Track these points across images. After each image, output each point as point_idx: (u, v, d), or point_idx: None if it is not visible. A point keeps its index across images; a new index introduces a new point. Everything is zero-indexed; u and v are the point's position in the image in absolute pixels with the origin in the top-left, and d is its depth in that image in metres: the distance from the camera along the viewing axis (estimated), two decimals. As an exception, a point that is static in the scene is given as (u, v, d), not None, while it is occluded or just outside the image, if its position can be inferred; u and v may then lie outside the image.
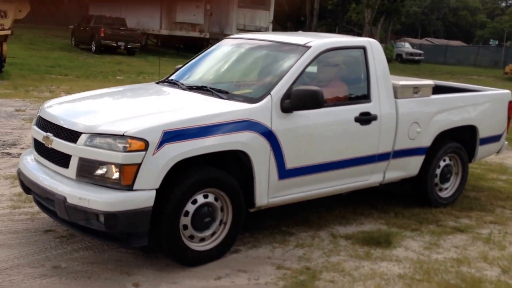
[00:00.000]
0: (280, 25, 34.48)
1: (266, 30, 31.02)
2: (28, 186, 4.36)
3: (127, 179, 3.72)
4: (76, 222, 3.85)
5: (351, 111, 4.90)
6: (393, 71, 5.87)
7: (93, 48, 25.76)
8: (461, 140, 6.03)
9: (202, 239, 4.15)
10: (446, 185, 5.97)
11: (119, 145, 3.74)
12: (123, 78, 17.39)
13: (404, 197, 6.03)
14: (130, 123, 3.91)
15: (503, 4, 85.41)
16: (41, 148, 4.33)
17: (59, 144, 4.03)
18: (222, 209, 4.22)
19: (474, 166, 7.61)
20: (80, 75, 17.39)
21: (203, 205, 4.08)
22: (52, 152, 4.14)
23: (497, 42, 50.91)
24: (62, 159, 4.01)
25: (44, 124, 4.35)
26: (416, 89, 5.53)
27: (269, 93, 4.42)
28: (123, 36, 25.90)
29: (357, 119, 4.90)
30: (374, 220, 5.33)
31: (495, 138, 6.36)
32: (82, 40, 27.12)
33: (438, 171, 5.81)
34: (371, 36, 34.61)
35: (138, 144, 3.73)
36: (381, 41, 43.96)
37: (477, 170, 7.57)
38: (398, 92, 5.31)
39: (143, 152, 3.73)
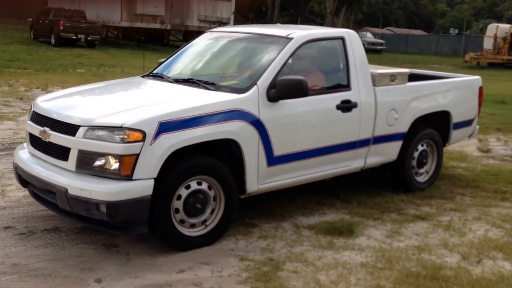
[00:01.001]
0: (242, 16, 34.37)
1: (227, 21, 30.88)
2: (26, 180, 4.44)
3: (127, 169, 3.86)
4: (77, 212, 3.97)
5: (333, 99, 5.11)
6: None
7: (53, 41, 25.23)
8: (435, 126, 6.26)
9: (193, 225, 4.26)
10: (423, 170, 6.20)
11: (118, 136, 3.87)
12: (83, 71, 17.05)
13: (366, 186, 6.09)
14: (126, 115, 4.04)
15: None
16: (37, 143, 4.42)
17: (57, 138, 4.14)
18: (214, 198, 4.35)
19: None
20: (39, 68, 16.98)
21: (196, 191, 4.22)
22: (49, 145, 4.23)
23: (457, 31, 51.92)
24: (60, 152, 4.11)
25: (40, 119, 4.43)
26: (392, 77, 5.77)
27: (256, 84, 4.59)
28: (83, 28, 25.46)
29: (338, 107, 5.11)
30: (337, 210, 5.36)
31: (468, 123, 6.64)
32: (41, 33, 26.51)
33: (415, 156, 6.03)
34: (333, 25, 34.81)
35: (136, 135, 3.87)
36: (343, 31, 44.39)
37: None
38: (376, 80, 5.53)
39: (141, 143, 3.87)
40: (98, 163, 3.91)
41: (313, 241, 4.53)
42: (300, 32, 5.17)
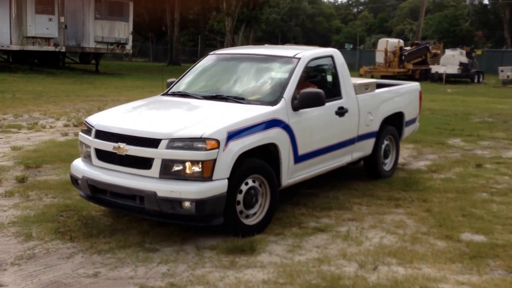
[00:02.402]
0: (141, 35, 33.94)
1: (126, 41, 30.29)
2: (102, 189, 5.05)
3: (208, 172, 4.68)
4: (165, 211, 4.70)
5: (332, 106, 6.24)
6: None
7: None
8: (393, 124, 7.61)
9: (247, 216, 5.16)
10: (387, 160, 7.57)
11: (199, 145, 4.68)
12: (-30, 97, 15.97)
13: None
14: (199, 127, 4.85)
15: (355, 10, 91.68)
16: (110, 157, 5.03)
17: (137, 151, 4.83)
18: (262, 194, 5.27)
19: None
20: None
21: (251, 187, 5.13)
22: (127, 158, 4.90)
23: (351, 46, 54.31)
24: (141, 163, 4.82)
25: (110, 136, 5.06)
26: (366, 86, 7.09)
27: (283, 96, 5.60)
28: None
29: (336, 113, 6.29)
30: (239, 228, 5.34)
31: (413, 121, 8.23)
32: None
33: (382, 149, 7.33)
34: (233, 44, 35.28)
35: (213, 143, 4.70)
36: (245, 49, 45.12)
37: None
38: (356, 89, 6.74)
39: (217, 150, 4.71)
40: (181, 169, 4.69)
41: (215, 262, 4.49)
42: (304, 53, 6.23)
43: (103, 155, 5.11)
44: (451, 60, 27.98)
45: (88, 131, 5.35)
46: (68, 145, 8.89)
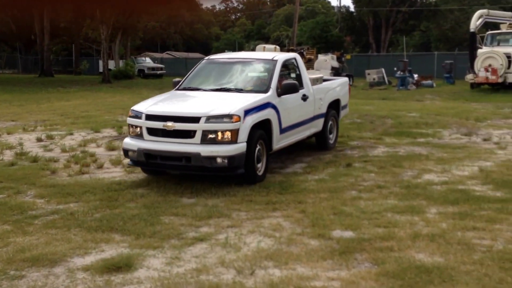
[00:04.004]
0: (8, 45, 31.88)
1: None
2: (154, 155, 7.25)
3: (234, 137, 7.05)
4: (206, 165, 7.00)
5: (300, 94, 8.72)
6: (138, 86, 6.05)
7: None
8: (334, 108, 10.19)
9: (257, 169, 7.53)
10: (331, 136, 10.19)
11: (227, 120, 7.04)
12: None
13: (142, 216, 6.04)
14: (225, 107, 7.20)
15: (233, 17, 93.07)
16: (159, 132, 7.23)
17: (183, 126, 7.10)
18: (262, 155, 7.65)
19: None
20: None
21: (258, 150, 7.50)
22: (173, 132, 7.12)
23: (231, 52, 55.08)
24: (186, 134, 7.09)
25: (158, 118, 7.27)
26: (316, 80, 9.85)
27: (270, 86, 8.02)
28: None
29: (302, 98, 8.80)
30: (116, 245, 5.21)
31: (346, 106, 11.07)
32: None
33: (328, 126, 9.89)
34: (110, 52, 34.37)
35: (236, 118, 7.06)
36: (121, 57, 44.07)
37: (215, 178, 7.97)
38: (312, 82, 9.36)
39: (239, 122, 7.07)
40: (215, 136, 7.03)
41: (89, 283, 4.32)
42: (278, 56, 8.89)
43: (153, 132, 7.29)
44: (324, 65, 29.29)
45: (136, 116, 7.51)
46: None
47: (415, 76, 29.09)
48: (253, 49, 38.06)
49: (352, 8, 56.93)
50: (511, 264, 4.59)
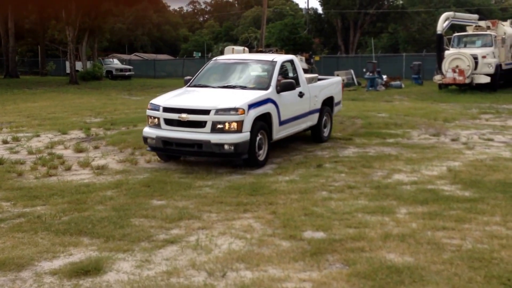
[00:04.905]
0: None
1: None
2: (170, 142, 8.51)
3: (239, 127, 8.20)
4: (215, 151, 8.24)
5: (297, 91, 9.81)
6: (106, 88, 5.87)
7: None
8: (328, 105, 11.34)
9: (259, 155, 8.68)
10: (325, 129, 11.25)
11: (233, 112, 8.21)
12: None
13: (112, 219, 5.95)
14: (232, 102, 8.33)
15: (201, 19, 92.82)
16: (175, 122, 8.46)
17: (195, 117, 8.33)
18: (263, 143, 8.83)
19: (182, 175, 8.02)
20: None
21: (260, 138, 8.64)
22: (187, 122, 8.34)
23: (200, 54, 54.84)
24: (198, 124, 8.32)
25: (173, 110, 8.49)
26: (311, 79, 10.97)
27: (271, 84, 9.17)
28: None
29: (299, 95, 9.91)
30: (85, 248, 5.12)
31: (339, 103, 12.24)
32: None
33: (323, 121, 11.00)
34: (77, 53, 33.85)
35: (241, 111, 8.22)
36: (88, 59, 43.44)
37: (186, 179, 7.93)
38: (307, 81, 10.50)
39: (244, 115, 8.22)
40: (223, 126, 8.18)
41: (57, 288, 4.23)
42: (278, 57, 10.09)
43: (169, 122, 8.49)
44: (293, 66, 29.51)
45: (154, 109, 8.72)
46: None
47: (384, 77, 29.41)
48: (222, 51, 38.00)
49: (320, 10, 57.23)
50: (480, 263, 4.66)
